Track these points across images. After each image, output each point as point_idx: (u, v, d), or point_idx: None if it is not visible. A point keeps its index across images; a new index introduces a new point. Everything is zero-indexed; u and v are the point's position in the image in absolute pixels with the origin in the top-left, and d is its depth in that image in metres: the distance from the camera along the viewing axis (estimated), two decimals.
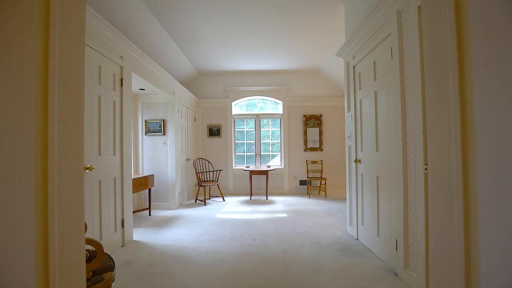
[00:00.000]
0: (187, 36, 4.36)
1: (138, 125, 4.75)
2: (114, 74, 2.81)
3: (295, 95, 6.32)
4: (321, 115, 6.24)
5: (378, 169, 2.54)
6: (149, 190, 4.30)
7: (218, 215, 4.27)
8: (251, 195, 5.70)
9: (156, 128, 4.72)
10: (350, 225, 3.27)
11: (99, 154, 2.52)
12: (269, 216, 4.20)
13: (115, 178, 2.78)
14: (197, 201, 5.39)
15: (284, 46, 4.78)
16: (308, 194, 5.84)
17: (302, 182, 6.25)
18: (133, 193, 3.74)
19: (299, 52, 5.13)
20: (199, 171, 5.45)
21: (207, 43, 4.69)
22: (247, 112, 6.50)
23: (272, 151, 6.60)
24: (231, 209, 4.73)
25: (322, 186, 6.19)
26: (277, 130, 6.53)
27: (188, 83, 6.32)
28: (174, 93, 4.73)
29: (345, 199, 5.49)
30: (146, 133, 4.73)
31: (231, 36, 4.44)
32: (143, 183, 4.03)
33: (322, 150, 6.25)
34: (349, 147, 3.29)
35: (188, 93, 5.47)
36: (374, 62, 2.61)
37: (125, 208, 2.95)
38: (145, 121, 4.73)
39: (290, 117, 6.31)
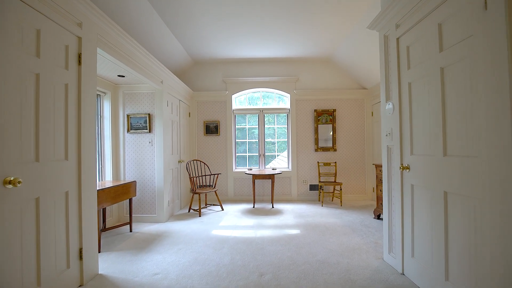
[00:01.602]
0: (180, 15, 3.54)
1: (118, 121, 3.93)
2: (67, 47, 1.99)
3: (304, 87, 5.50)
4: (334, 110, 5.42)
5: (447, 181, 1.73)
6: (130, 200, 3.48)
7: (215, 231, 3.46)
8: (254, 203, 4.89)
9: (141, 124, 3.90)
10: (389, 253, 2.47)
11: (36, 159, 1.70)
12: (278, 233, 3.39)
13: (67, 193, 1.96)
14: (191, 210, 4.58)
15: (293, 28, 3.96)
16: (321, 202, 5.03)
17: (313, 187, 5.44)
18: (109, 205, 2.94)
19: (310, 36, 4.30)
20: (194, 175, 4.63)
21: (204, 24, 3.87)
22: (249, 107, 5.68)
23: (278, 151, 5.78)
24: (231, 222, 3.92)
25: (336, 192, 5.39)
26: (284, 127, 5.71)
27: (181, 73, 5.49)
28: (162, 82, 3.91)
29: (363, 207, 4.68)
30: (128, 130, 3.91)
31: (231, 15, 3.63)
32: (121, 193, 3.22)
33: (335, 150, 5.43)
34: (389, 149, 2.47)
35: (181, 84, 4.65)
36: (440, 25, 1.79)
37: (86, 233, 2.14)
38: (127, 115, 3.91)
39: (299, 112, 5.49)
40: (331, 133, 5.43)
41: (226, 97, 5.50)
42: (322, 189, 4.97)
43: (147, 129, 3.88)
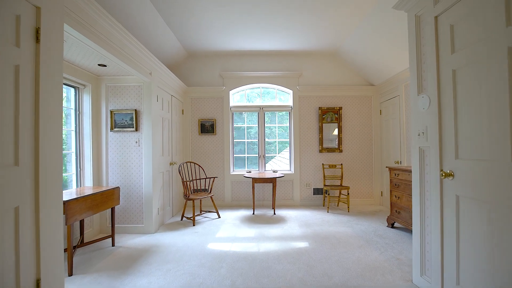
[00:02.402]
0: (173, 0, 3.08)
1: (100, 117, 3.45)
2: (18, 17, 1.52)
3: (308, 83, 5.08)
4: (340, 108, 5.02)
5: None
6: (112, 210, 3.01)
7: (211, 245, 3.01)
8: (253, 210, 4.45)
9: (126, 121, 3.42)
10: (422, 275, 2.06)
11: None
12: (284, 246, 2.96)
13: (17, 209, 1.49)
14: (184, 218, 4.11)
15: (298, 19, 3.54)
16: (327, 207, 4.62)
17: (317, 191, 5.03)
18: (87, 216, 2.48)
19: (316, 28, 3.90)
20: (187, 179, 4.17)
21: (200, 12, 3.42)
22: (248, 104, 5.24)
23: (279, 152, 5.36)
24: (229, 232, 3.47)
25: (342, 196, 4.98)
26: (285, 126, 5.29)
27: (174, 67, 5.02)
28: (151, 73, 3.44)
29: (373, 214, 4.28)
30: (112, 128, 3.43)
31: (230, 1, 3.19)
32: (101, 201, 2.74)
33: (341, 151, 5.03)
34: (422, 151, 2.06)
35: (173, 77, 4.18)
36: None
37: (46, 258, 1.67)
38: (111, 111, 3.43)
39: (302, 109, 5.08)
40: (337, 132, 5.03)
41: (223, 93, 5.04)
42: (328, 194, 4.55)
43: (133, 127, 3.40)
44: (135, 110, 3.41)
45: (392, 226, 3.63)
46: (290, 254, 2.75)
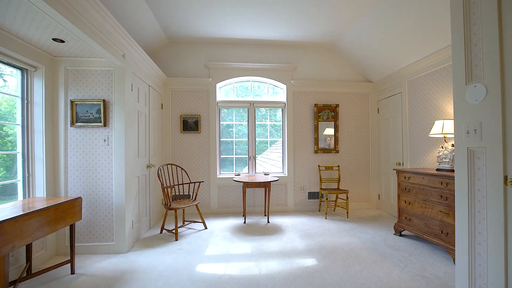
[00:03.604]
0: None
1: (57, 109, 2.74)
2: None
3: (303, 77, 4.67)
4: (337, 105, 4.67)
5: None
6: (72, 227, 2.34)
7: (201, 267, 2.45)
8: (245, 218, 3.92)
9: (92, 114, 2.75)
10: None
11: None
12: (289, 265, 2.49)
13: None
14: (164, 231, 3.49)
15: (294, 5, 3.10)
16: (325, 213, 4.23)
17: (312, 195, 4.64)
18: (33, 240, 1.82)
19: (314, 17, 3.51)
20: (167, 185, 3.55)
21: None
22: (237, 99, 4.71)
23: (270, 153, 4.89)
24: (220, 247, 2.93)
25: (339, 200, 4.62)
26: (278, 124, 4.83)
27: (152, 54, 4.35)
28: (124, 56, 2.80)
29: (374, 220, 3.96)
30: (73, 123, 2.73)
31: None
32: (55, 218, 2.08)
33: (337, 151, 4.68)
34: (471, 152, 1.69)
35: (151, 63, 3.54)
36: None
37: None
38: (72, 102, 2.73)
39: (297, 106, 4.65)
40: (332, 132, 4.66)
41: (209, 85, 4.47)
42: (327, 198, 4.16)
43: (100, 122, 2.74)
44: (104, 100, 2.74)
45: (400, 234, 3.31)
46: (300, 276, 2.28)
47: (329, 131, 4.64)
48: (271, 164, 4.84)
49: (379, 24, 3.42)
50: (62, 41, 2.35)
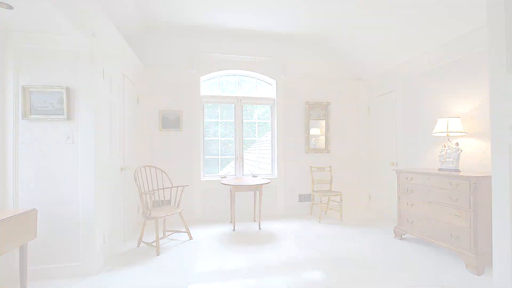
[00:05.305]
0: None
1: (5, 97, 2.16)
2: None
3: (294, 73, 4.40)
4: (328, 103, 4.47)
5: None
6: (22, 248, 1.80)
7: None
8: (234, 225, 3.54)
9: (52, 105, 2.21)
10: None
11: None
12: (295, 281, 2.17)
13: None
14: (142, 244, 2.99)
15: None
16: (319, 217, 3.99)
17: (302, 198, 4.39)
18: None
19: (308, 7, 3.24)
20: (145, 191, 3.07)
21: None
22: (223, 94, 4.31)
23: (259, 153, 4.56)
24: (211, 262, 2.52)
25: (332, 202, 4.40)
26: (267, 122, 4.52)
27: (128, 41, 3.80)
28: (94, 34, 2.29)
29: (368, 222, 3.80)
30: (26, 115, 2.17)
31: None
32: None
33: (328, 151, 4.48)
34: None
35: (125, 48, 3.03)
36: None
37: None
38: (24, 88, 2.17)
39: (287, 103, 4.38)
40: (323, 131, 4.46)
41: (193, 78, 4.02)
42: (320, 200, 3.92)
43: (63, 114, 2.21)
44: (67, 88, 2.22)
45: (401, 237, 3.16)
46: None
47: (316, 131, 4.42)
48: (259, 167, 4.50)
49: (371, 20, 3.24)
50: (11, 7, 1.81)
